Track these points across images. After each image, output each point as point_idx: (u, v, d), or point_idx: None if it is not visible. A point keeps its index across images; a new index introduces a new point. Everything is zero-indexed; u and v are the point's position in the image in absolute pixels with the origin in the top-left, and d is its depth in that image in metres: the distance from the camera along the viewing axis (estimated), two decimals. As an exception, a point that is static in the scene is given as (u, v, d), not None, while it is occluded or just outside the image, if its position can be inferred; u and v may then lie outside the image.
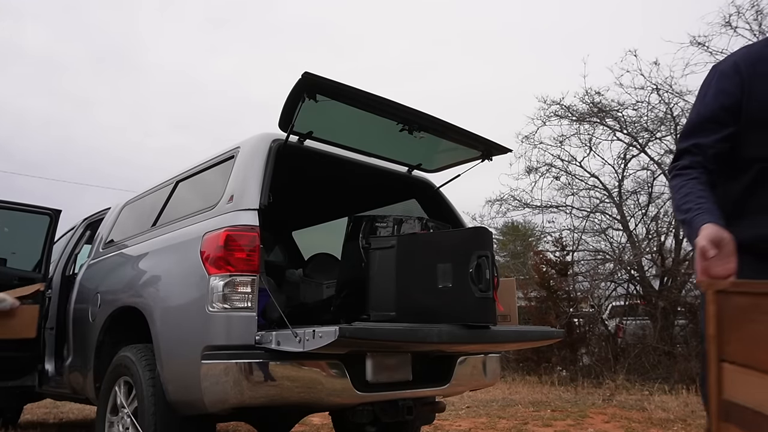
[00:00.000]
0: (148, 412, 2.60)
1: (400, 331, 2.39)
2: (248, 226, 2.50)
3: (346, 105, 2.73)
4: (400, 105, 2.81)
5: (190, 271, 2.57)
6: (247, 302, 2.41)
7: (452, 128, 3.04)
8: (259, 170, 2.69)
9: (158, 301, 2.76)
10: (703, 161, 1.57)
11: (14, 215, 4.52)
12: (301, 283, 3.88)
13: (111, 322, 3.19)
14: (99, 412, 3.08)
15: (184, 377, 2.50)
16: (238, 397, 2.32)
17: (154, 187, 3.78)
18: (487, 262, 2.62)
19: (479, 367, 3.20)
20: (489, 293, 2.61)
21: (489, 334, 2.69)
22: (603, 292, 9.88)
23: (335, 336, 2.05)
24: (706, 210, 1.43)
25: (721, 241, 1.32)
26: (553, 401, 6.64)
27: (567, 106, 9.96)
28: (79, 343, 3.62)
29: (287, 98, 2.60)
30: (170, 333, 2.63)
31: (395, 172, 3.57)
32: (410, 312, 2.77)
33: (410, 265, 2.84)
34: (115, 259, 3.56)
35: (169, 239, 2.98)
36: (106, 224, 4.14)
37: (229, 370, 2.31)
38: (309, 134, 2.98)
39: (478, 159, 3.38)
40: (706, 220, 1.38)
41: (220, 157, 3.07)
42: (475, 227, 3.09)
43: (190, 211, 2.99)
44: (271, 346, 2.32)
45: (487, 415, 5.62)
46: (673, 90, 8.83)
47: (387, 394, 2.70)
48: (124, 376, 2.88)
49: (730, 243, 1.32)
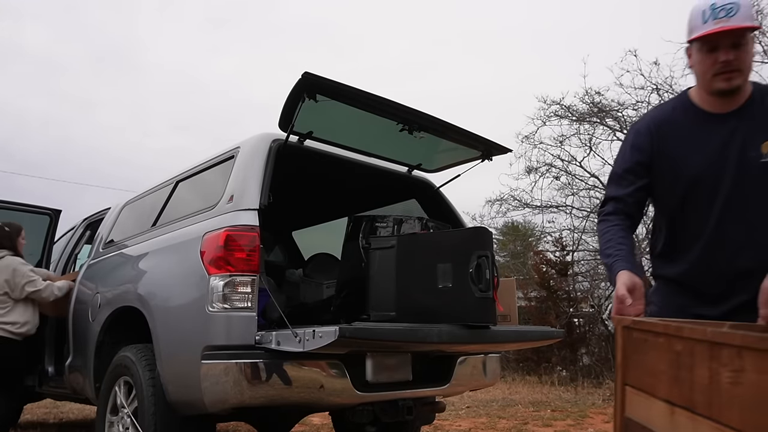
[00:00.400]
0: (148, 412, 2.60)
1: (400, 331, 2.39)
2: (248, 226, 2.50)
3: (346, 105, 2.73)
4: (400, 105, 2.81)
5: (190, 271, 2.57)
6: (247, 302, 2.41)
7: (452, 128, 3.04)
8: (259, 170, 2.69)
9: (158, 301, 2.76)
10: (625, 208, 1.78)
11: (14, 215, 4.52)
12: (301, 283, 3.88)
13: (111, 322, 3.19)
14: (99, 412, 3.08)
15: (184, 377, 2.50)
16: (238, 397, 2.32)
17: (154, 187, 3.78)
18: (487, 262, 2.62)
19: (479, 367, 3.20)
20: (489, 293, 2.61)
21: (489, 334, 2.69)
22: (603, 292, 9.87)
23: (335, 336, 2.05)
24: (623, 258, 1.65)
25: (634, 287, 1.56)
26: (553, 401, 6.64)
27: (567, 106, 9.96)
28: (79, 343, 3.62)
29: (287, 98, 2.60)
30: (170, 333, 2.63)
31: (395, 172, 3.57)
32: (410, 312, 2.77)
33: (410, 265, 2.84)
34: (115, 259, 3.56)
35: (169, 239, 2.98)
36: (106, 224, 4.14)
37: (229, 370, 2.31)
38: (309, 134, 2.98)
39: (478, 159, 3.38)
40: (622, 267, 1.62)
41: (220, 157, 3.07)
42: (475, 227, 3.09)
43: (190, 211, 2.99)
44: (271, 346, 2.32)
45: (487, 415, 5.62)
46: (673, 90, 8.83)
47: (387, 394, 2.70)
48: (124, 376, 2.88)
49: (641, 288, 1.57)
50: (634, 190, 1.78)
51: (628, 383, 1.35)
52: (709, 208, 1.68)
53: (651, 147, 1.75)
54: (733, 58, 1.57)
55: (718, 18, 1.55)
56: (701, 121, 1.70)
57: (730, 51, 1.57)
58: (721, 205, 1.66)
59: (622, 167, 1.82)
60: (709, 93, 1.66)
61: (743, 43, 1.58)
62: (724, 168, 1.65)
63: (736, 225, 1.65)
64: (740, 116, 1.65)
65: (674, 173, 1.73)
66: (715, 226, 1.67)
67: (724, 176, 1.65)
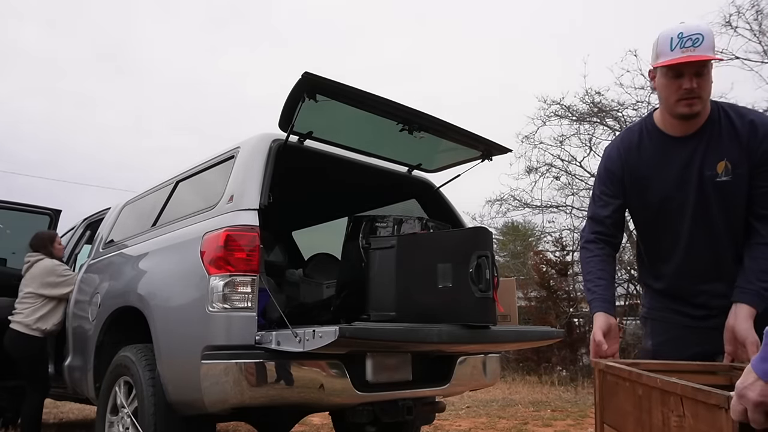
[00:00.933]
0: (148, 412, 2.60)
1: (400, 331, 2.39)
2: (248, 226, 2.50)
3: (346, 105, 2.73)
4: (400, 105, 2.81)
5: (190, 271, 2.57)
6: (247, 302, 2.41)
7: (452, 128, 3.04)
8: (259, 170, 2.69)
9: (158, 301, 2.76)
10: (605, 231, 1.91)
11: (14, 215, 4.52)
12: (301, 283, 3.88)
13: (111, 322, 3.19)
14: (99, 412, 3.09)
15: (184, 377, 2.50)
16: (238, 397, 2.32)
17: (154, 187, 3.78)
18: (487, 262, 2.62)
19: (479, 367, 3.20)
20: (489, 293, 2.61)
21: (489, 334, 2.69)
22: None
23: (335, 336, 2.05)
24: (600, 297, 1.80)
25: (609, 329, 1.73)
26: (553, 401, 6.65)
27: (567, 106, 9.98)
28: (79, 343, 3.63)
29: (287, 98, 2.60)
30: (170, 333, 2.63)
31: (395, 172, 3.57)
32: (410, 312, 2.77)
33: (410, 265, 2.84)
34: (115, 259, 3.56)
35: (169, 239, 2.98)
36: (106, 224, 4.14)
37: (229, 370, 2.31)
38: (309, 134, 2.98)
39: (478, 159, 3.38)
40: (598, 308, 1.77)
41: (220, 157, 3.07)
42: (475, 227, 3.09)
43: (190, 211, 2.99)
44: (271, 346, 2.32)
45: (487, 415, 5.62)
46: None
47: (387, 394, 2.70)
48: (124, 376, 2.88)
49: (615, 329, 1.75)
50: (612, 211, 1.90)
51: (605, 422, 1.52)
52: (678, 228, 1.80)
53: (622, 170, 1.88)
54: (696, 86, 1.66)
55: (684, 47, 1.63)
56: (664, 144, 1.81)
57: (693, 79, 1.65)
58: (689, 225, 1.77)
59: (600, 189, 1.95)
60: (672, 116, 1.75)
61: (705, 72, 1.66)
62: (687, 189, 1.76)
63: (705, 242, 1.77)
64: (699, 138, 1.75)
65: (643, 195, 1.85)
66: (685, 246, 1.79)
67: (688, 197, 1.76)
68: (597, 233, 1.91)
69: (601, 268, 1.86)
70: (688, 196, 1.76)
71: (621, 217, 1.95)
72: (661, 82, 1.73)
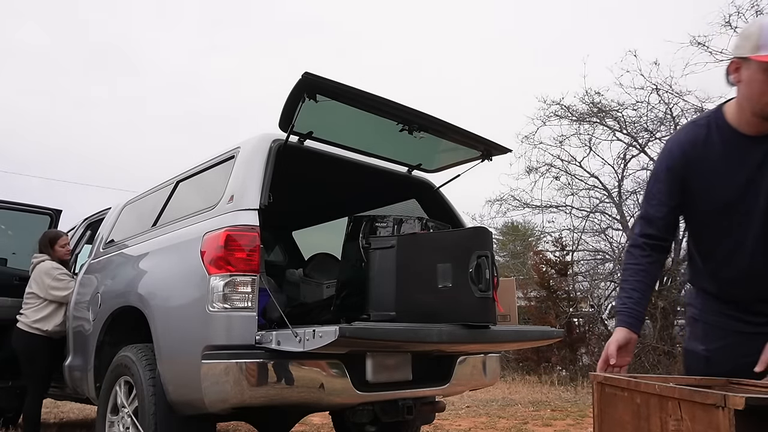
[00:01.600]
0: (148, 411, 2.61)
1: (400, 331, 2.39)
2: (248, 226, 2.51)
3: (346, 105, 2.73)
4: (400, 105, 2.81)
5: (191, 271, 2.57)
6: (247, 302, 2.42)
7: (452, 128, 3.04)
8: (259, 170, 2.70)
9: (159, 301, 2.77)
10: (655, 233, 1.77)
11: (15, 215, 4.52)
12: (301, 283, 3.88)
13: (111, 321, 3.20)
14: (99, 411, 3.09)
15: (184, 377, 2.51)
16: (239, 397, 2.32)
17: (155, 187, 3.78)
18: (487, 262, 2.62)
19: (479, 367, 3.21)
20: (489, 293, 2.61)
21: (489, 334, 2.69)
22: (603, 292, 9.89)
23: (335, 336, 2.05)
24: (627, 312, 1.72)
25: (627, 343, 1.69)
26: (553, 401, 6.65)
27: (567, 106, 9.98)
28: (79, 342, 3.63)
29: (287, 98, 2.60)
30: (171, 333, 2.64)
31: (395, 172, 3.57)
32: (410, 312, 2.77)
33: (410, 265, 2.85)
34: (115, 259, 3.57)
35: (169, 239, 2.98)
36: (107, 224, 4.14)
37: (230, 369, 2.32)
38: (309, 134, 2.99)
39: (478, 159, 3.38)
40: (622, 323, 1.72)
41: (220, 157, 3.07)
42: (475, 227, 3.09)
43: (191, 211, 3.00)
44: (271, 345, 2.32)
45: (487, 414, 5.63)
46: (673, 90, 8.85)
47: (387, 394, 2.70)
48: (124, 375, 2.89)
49: (633, 344, 1.71)
50: (666, 213, 1.76)
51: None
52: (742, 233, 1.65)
53: (683, 168, 1.71)
54: None
55: None
56: (736, 142, 1.65)
57: None
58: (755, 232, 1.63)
59: (656, 187, 1.79)
60: (756, 115, 1.58)
61: None
62: (757, 192, 1.62)
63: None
64: None
65: (705, 196, 1.70)
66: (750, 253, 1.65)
67: (757, 201, 1.62)
68: (646, 236, 1.78)
69: (639, 279, 1.75)
70: (757, 199, 1.61)
71: (675, 219, 1.80)
72: (755, 77, 1.52)
